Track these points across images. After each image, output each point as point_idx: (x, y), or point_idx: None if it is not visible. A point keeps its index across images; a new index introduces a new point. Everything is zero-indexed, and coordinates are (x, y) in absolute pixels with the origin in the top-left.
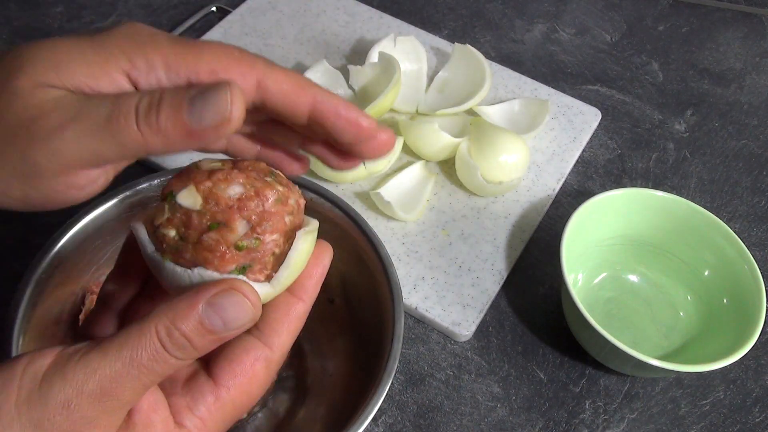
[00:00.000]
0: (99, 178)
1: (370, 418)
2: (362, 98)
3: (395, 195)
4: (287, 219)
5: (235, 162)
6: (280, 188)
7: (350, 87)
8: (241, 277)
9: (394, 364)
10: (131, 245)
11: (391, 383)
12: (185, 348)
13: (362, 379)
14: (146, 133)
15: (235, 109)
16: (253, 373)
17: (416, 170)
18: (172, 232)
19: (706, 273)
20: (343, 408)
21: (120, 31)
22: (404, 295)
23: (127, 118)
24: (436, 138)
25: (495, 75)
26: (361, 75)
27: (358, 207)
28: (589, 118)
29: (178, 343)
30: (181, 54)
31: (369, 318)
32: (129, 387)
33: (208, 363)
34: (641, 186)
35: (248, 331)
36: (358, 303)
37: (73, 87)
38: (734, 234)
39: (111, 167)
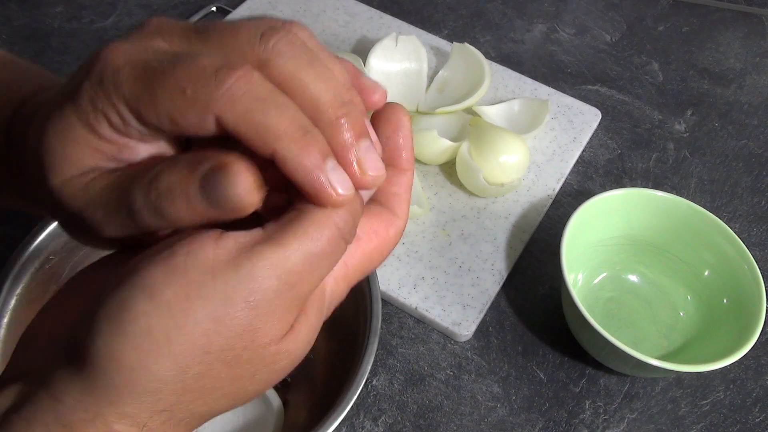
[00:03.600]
0: None
1: (352, 401)
2: None
3: None
4: None
5: None
6: None
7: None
8: None
9: (375, 340)
10: None
11: (391, 382)
12: (354, 234)
13: (345, 360)
14: (165, 225)
15: (249, 195)
16: (387, 235)
17: None
18: None
19: (706, 273)
20: (328, 392)
21: (90, 80)
22: (404, 295)
23: (142, 217)
24: (436, 144)
25: (495, 75)
26: None
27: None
28: (589, 118)
29: (353, 230)
30: (142, 101)
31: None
32: (309, 280)
33: None
34: (641, 186)
35: (373, 202)
36: None
37: (87, 165)
38: (734, 234)
39: None
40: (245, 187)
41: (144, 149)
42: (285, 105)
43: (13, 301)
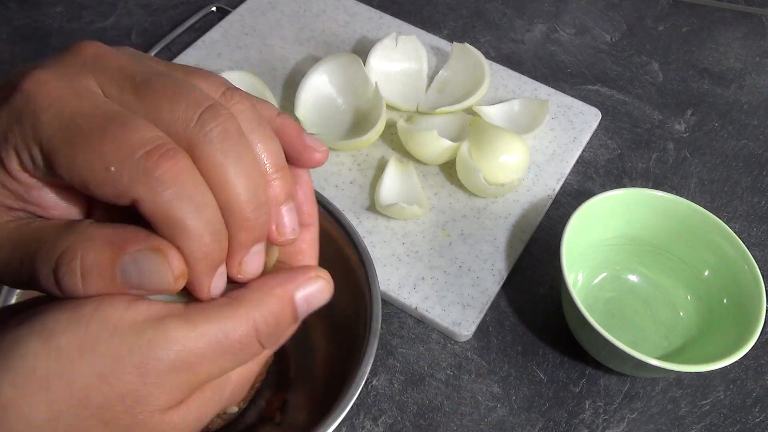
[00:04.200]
0: None
1: (352, 401)
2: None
3: (394, 195)
4: None
5: None
6: None
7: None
8: None
9: (375, 340)
10: None
11: (391, 382)
12: (276, 342)
13: (345, 360)
14: (74, 296)
15: (180, 281)
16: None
17: (393, 168)
18: None
19: (706, 273)
20: (328, 392)
21: (10, 111)
22: (404, 295)
23: (48, 282)
24: (436, 144)
25: (495, 75)
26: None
27: (357, 207)
28: (589, 118)
29: (273, 337)
30: (58, 156)
31: (342, 292)
32: (208, 368)
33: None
34: (641, 186)
35: (276, 268)
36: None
37: None
38: (734, 234)
39: None
40: (176, 274)
41: (53, 194)
42: (205, 206)
43: (13, 301)
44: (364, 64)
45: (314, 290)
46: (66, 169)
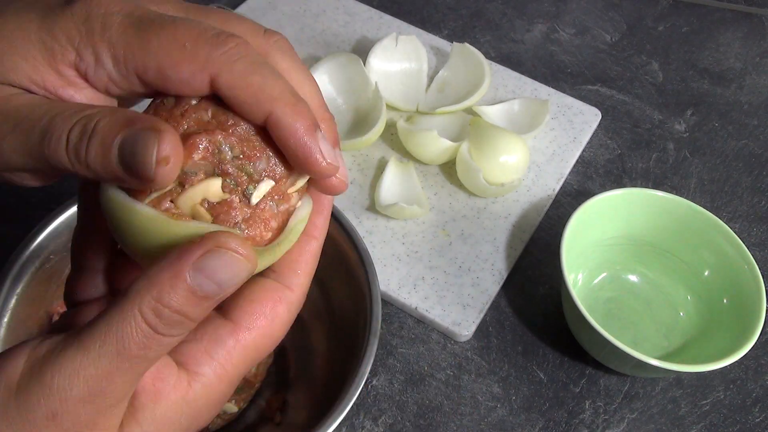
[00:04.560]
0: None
1: (352, 401)
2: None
3: (394, 195)
4: None
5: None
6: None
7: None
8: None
9: (375, 340)
10: (90, 198)
11: (391, 382)
12: (180, 323)
13: (345, 360)
14: (74, 163)
15: (161, 166)
16: (274, 314)
17: (393, 168)
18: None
19: (706, 273)
20: (328, 392)
21: (73, 12)
22: (404, 295)
23: (58, 144)
24: (436, 144)
25: (495, 75)
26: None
27: (357, 207)
28: (589, 118)
29: (170, 321)
30: (129, 46)
31: (343, 292)
32: (121, 382)
33: (223, 305)
34: (641, 186)
35: (264, 274)
36: (329, 280)
37: (19, 83)
38: (734, 234)
39: None
40: (159, 157)
41: (84, 97)
42: (278, 74)
43: (13, 301)
44: (364, 64)
45: (214, 263)
46: (140, 57)
